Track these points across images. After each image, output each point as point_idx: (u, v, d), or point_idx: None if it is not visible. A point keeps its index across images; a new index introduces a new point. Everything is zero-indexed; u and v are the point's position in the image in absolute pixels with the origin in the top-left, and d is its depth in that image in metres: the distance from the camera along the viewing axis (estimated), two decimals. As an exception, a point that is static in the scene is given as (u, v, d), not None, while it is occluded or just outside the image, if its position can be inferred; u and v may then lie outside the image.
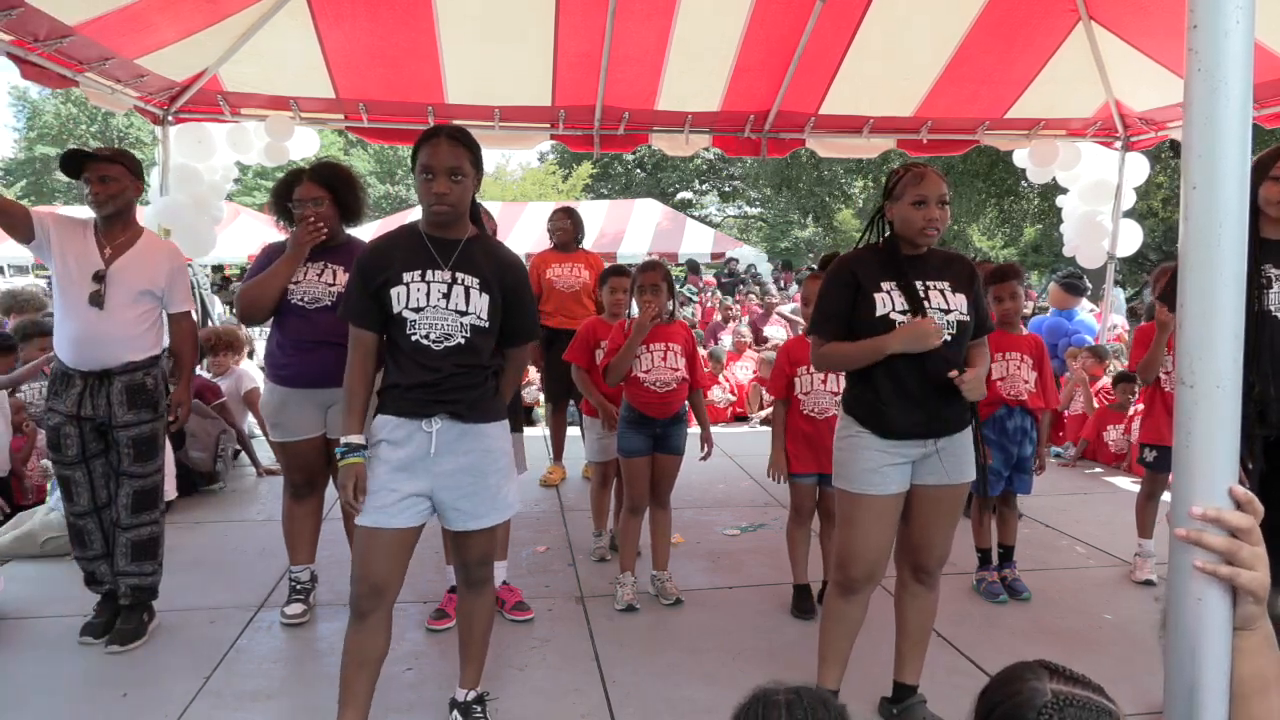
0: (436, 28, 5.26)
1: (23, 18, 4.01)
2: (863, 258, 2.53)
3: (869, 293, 2.43)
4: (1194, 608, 0.98)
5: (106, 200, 3.09)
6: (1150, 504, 3.95)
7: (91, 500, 3.18)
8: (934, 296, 2.44)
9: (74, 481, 3.16)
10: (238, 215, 11.62)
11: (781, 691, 1.01)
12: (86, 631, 3.18)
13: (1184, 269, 0.97)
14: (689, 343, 3.64)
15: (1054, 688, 1.02)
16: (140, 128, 28.66)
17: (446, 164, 2.26)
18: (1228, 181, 0.93)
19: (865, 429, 2.48)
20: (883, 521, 2.49)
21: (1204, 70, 0.92)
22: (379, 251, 2.37)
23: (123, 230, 3.17)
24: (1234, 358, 0.95)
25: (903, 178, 2.45)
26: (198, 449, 5.17)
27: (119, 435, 3.13)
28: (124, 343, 3.11)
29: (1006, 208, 19.36)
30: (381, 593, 2.31)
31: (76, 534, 3.23)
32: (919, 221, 2.41)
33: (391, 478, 2.29)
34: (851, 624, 2.59)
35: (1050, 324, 7.23)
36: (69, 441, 3.11)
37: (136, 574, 3.22)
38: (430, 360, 2.29)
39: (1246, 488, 1.00)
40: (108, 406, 3.10)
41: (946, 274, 2.50)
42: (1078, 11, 5.48)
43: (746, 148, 6.87)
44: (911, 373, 2.40)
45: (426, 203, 2.30)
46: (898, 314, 2.41)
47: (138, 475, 3.19)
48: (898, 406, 2.43)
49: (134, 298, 3.12)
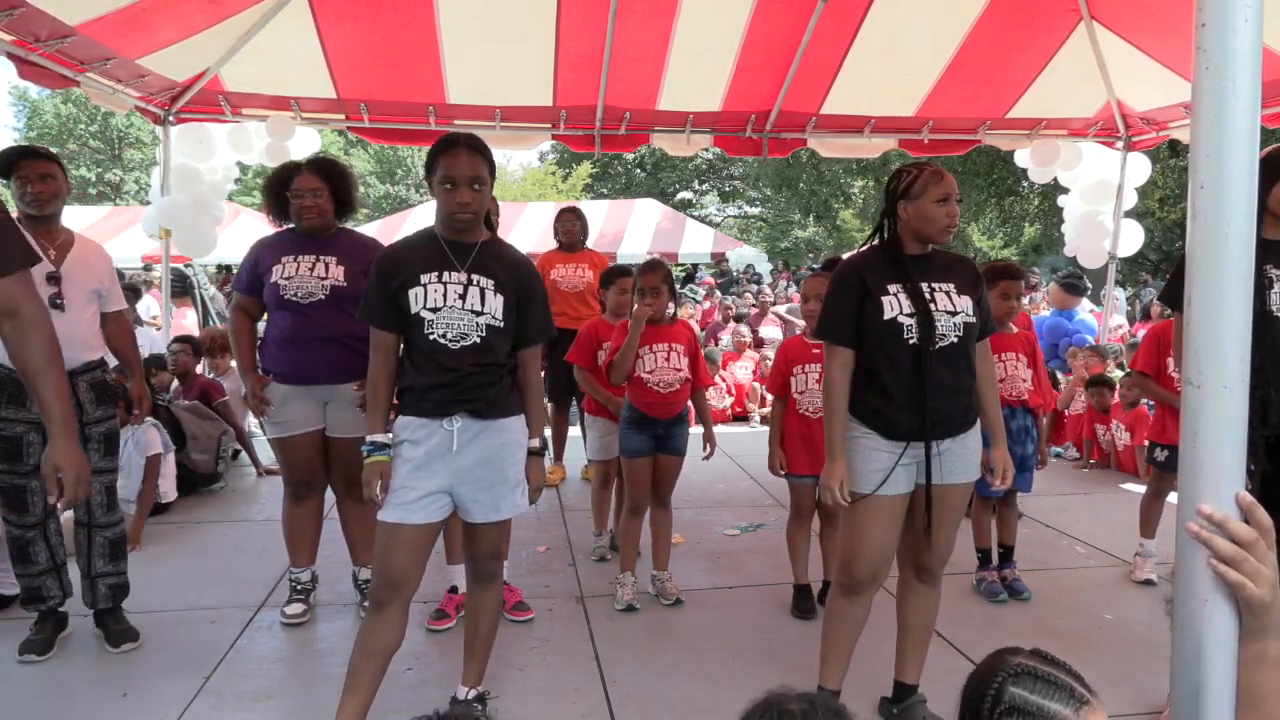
0: (438, 28, 5.26)
1: (24, 18, 4.01)
2: (868, 260, 2.53)
3: (876, 296, 2.43)
4: (1200, 610, 0.97)
5: (50, 199, 3.01)
6: (1156, 503, 3.94)
7: (43, 509, 3.10)
8: (939, 299, 2.44)
9: (30, 490, 3.04)
10: (238, 215, 11.59)
11: (794, 699, 1.00)
12: (28, 649, 3.03)
13: (1192, 268, 0.97)
14: (692, 343, 3.64)
15: (1023, 661, 1.07)
16: (140, 128, 28.66)
17: (468, 174, 2.32)
18: (1236, 180, 0.93)
19: (870, 430, 2.48)
20: (887, 522, 2.49)
21: (1212, 69, 0.92)
22: (397, 255, 2.43)
23: (58, 231, 3.09)
24: (1241, 358, 0.95)
25: (920, 175, 2.45)
26: (199, 451, 5.18)
27: (91, 432, 3.06)
28: (83, 343, 3.07)
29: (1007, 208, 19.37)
30: (400, 586, 2.36)
31: (21, 549, 3.06)
32: (943, 219, 2.42)
33: (412, 475, 2.34)
34: (854, 624, 2.60)
35: (1050, 324, 7.22)
36: (32, 449, 2.99)
37: (114, 573, 3.18)
38: (447, 359, 2.33)
39: (1249, 489, 0.99)
40: (78, 406, 3.01)
41: (952, 276, 2.50)
42: (1079, 11, 5.47)
43: (748, 148, 6.86)
44: (915, 374, 2.41)
45: (449, 211, 2.35)
46: (905, 316, 2.41)
47: (107, 471, 3.17)
48: (902, 408, 2.43)
49: (86, 298, 3.09)
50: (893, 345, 2.42)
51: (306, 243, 3.27)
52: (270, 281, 3.22)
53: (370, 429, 2.40)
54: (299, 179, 3.25)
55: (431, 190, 2.40)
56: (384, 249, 2.55)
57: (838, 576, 2.62)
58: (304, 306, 3.19)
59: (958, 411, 2.48)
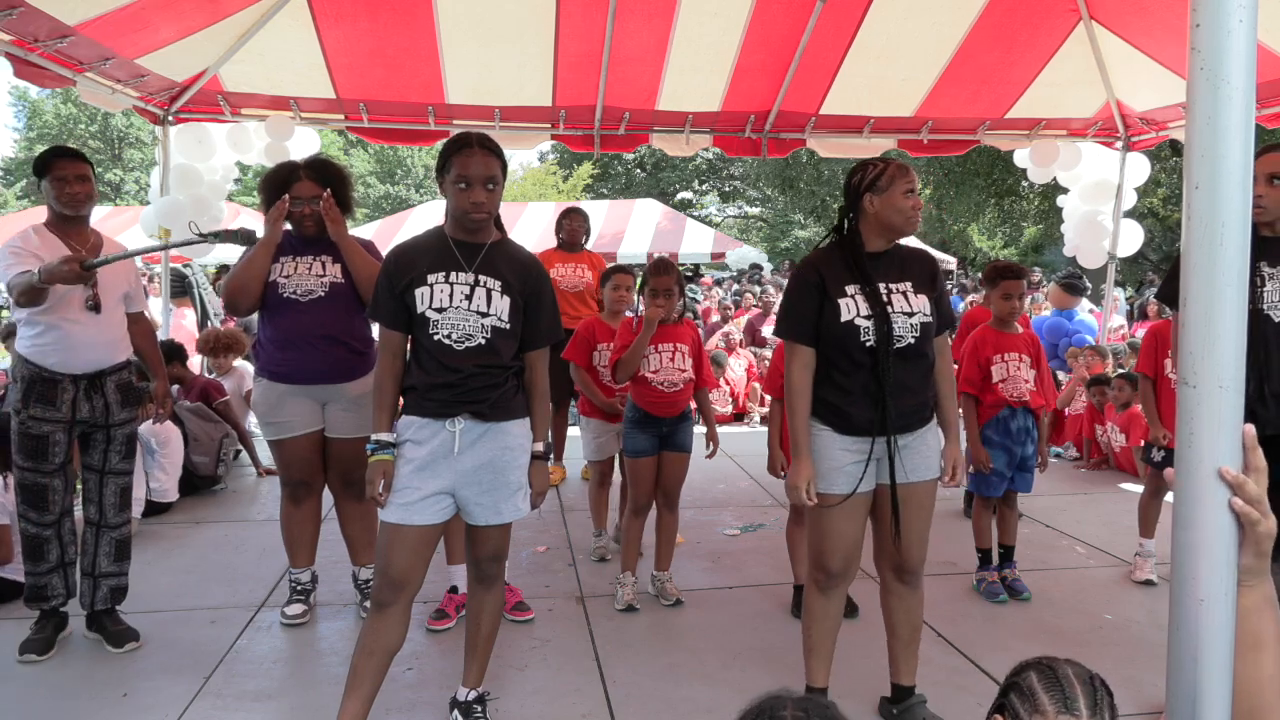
0: (437, 27, 5.25)
1: (23, 17, 4.00)
2: (827, 259, 2.54)
3: (834, 298, 2.45)
4: (1196, 609, 0.98)
5: (86, 199, 3.06)
6: (1154, 503, 3.94)
7: (61, 507, 3.13)
8: (896, 300, 2.46)
9: (52, 489, 3.07)
10: (238, 215, 11.57)
11: (790, 704, 1.00)
12: (28, 649, 3.04)
13: (1187, 269, 0.97)
14: (696, 343, 3.65)
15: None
16: (140, 128, 28.67)
17: (482, 174, 2.32)
18: (1230, 181, 0.93)
19: (826, 426, 2.49)
20: (853, 517, 2.51)
21: (1207, 69, 0.92)
22: (405, 255, 2.44)
23: (89, 233, 3.14)
24: (1236, 358, 0.95)
25: (887, 168, 2.47)
26: (200, 453, 5.17)
27: (115, 433, 3.14)
28: (116, 344, 3.15)
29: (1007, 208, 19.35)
30: (402, 587, 2.37)
31: (36, 547, 3.09)
32: (909, 210, 2.45)
33: (415, 476, 2.35)
34: (834, 620, 2.63)
35: (1050, 324, 7.23)
36: (58, 449, 3.04)
37: (117, 574, 3.21)
38: (451, 360, 2.34)
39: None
40: (105, 407, 3.10)
41: (908, 274, 2.52)
42: (1079, 11, 5.47)
43: (747, 148, 6.86)
44: (872, 374, 2.42)
45: (463, 210, 2.34)
46: (862, 319, 2.42)
47: (124, 472, 3.21)
48: (857, 402, 2.45)
49: (118, 299, 3.15)
50: (850, 347, 2.43)
51: (304, 244, 3.27)
52: (269, 280, 3.21)
53: (375, 427, 2.41)
54: (298, 185, 3.23)
55: (442, 189, 2.40)
56: (394, 248, 2.56)
57: (813, 575, 2.62)
58: (303, 304, 3.19)
59: (914, 409, 2.50)
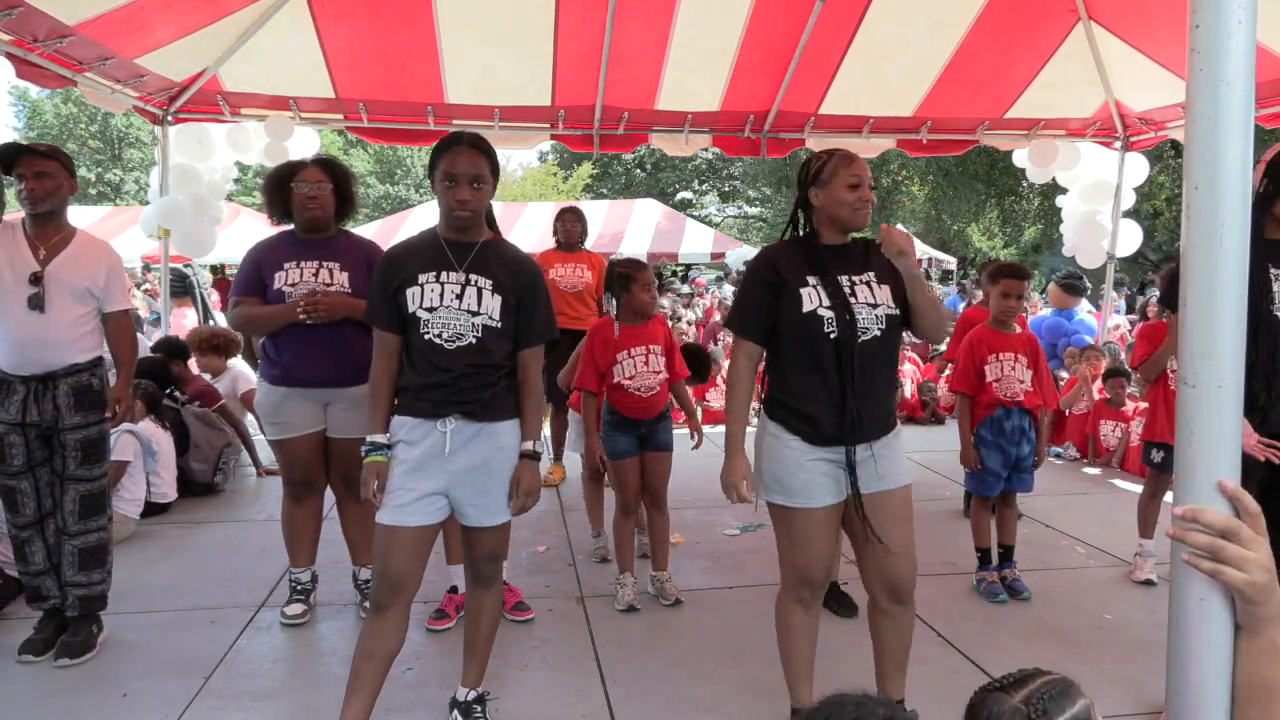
0: (436, 27, 5.26)
1: (22, 17, 4.01)
2: (786, 251, 2.44)
3: (794, 288, 2.34)
4: (1195, 608, 0.98)
5: (43, 197, 2.95)
6: (1153, 503, 3.94)
7: (37, 509, 3.08)
8: (860, 291, 2.35)
9: (20, 491, 3.04)
10: (238, 215, 11.57)
11: (880, 707, 0.94)
12: (26, 649, 3.03)
13: (1187, 270, 0.97)
14: (668, 339, 3.64)
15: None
16: (140, 128, 28.64)
17: (469, 172, 2.33)
18: (1230, 181, 0.93)
19: (795, 436, 2.36)
20: (828, 530, 2.42)
21: (1206, 70, 0.92)
22: (397, 256, 2.45)
23: (56, 230, 3.03)
24: (1236, 359, 0.95)
25: (830, 160, 2.38)
26: (199, 460, 5.14)
27: (66, 438, 3.02)
28: (67, 345, 3.01)
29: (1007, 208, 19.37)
30: (400, 588, 2.37)
31: (19, 548, 3.10)
32: (855, 203, 2.34)
33: (408, 477, 2.35)
34: (813, 635, 2.54)
35: (1050, 324, 7.22)
36: (14, 450, 2.99)
37: (85, 584, 3.11)
38: (442, 359, 2.34)
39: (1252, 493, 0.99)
40: (54, 410, 3.00)
41: (870, 265, 2.41)
42: (1077, 12, 5.48)
43: (746, 148, 6.86)
44: (836, 372, 2.32)
45: (449, 208, 2.36)
46: (824, 309, 2.31)
47: (85, 479, 3.08)
48: (824, 407, 2.33)
49: (74, 298, 3.01)
50: (813, 339, 2.32)
51: (307, 247, 3.25)
52: (274, 289, 3.20)
53: (370, 429, 2.42)
54: (304, 171, 3.23)
55: (434, 188, 2.41)
56: (387, 249, 2.55)
57: (794, 591, 2.50)
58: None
59: (881, 413, 2.39)
